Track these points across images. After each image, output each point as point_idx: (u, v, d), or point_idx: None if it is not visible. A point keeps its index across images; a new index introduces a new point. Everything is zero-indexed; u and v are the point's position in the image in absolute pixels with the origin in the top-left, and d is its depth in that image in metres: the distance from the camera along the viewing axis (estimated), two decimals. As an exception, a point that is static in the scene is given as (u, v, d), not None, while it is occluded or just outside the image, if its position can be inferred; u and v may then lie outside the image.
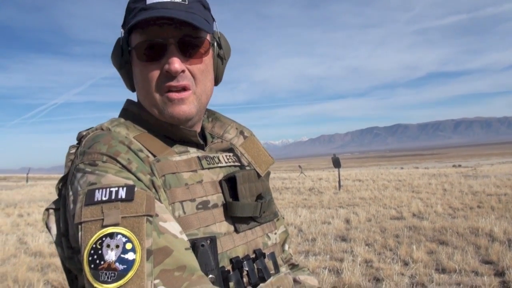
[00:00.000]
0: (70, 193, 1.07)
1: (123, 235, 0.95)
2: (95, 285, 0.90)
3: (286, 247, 1.57)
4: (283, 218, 1.59)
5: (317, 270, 7.49)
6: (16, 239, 11.63)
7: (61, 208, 1.13)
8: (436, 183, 23.86)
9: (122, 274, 0.91)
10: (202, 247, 1.09)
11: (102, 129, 1.21)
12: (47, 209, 1.16)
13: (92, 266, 0.92)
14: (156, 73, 1.20)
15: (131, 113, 1.31)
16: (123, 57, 1.27)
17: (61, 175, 1.18)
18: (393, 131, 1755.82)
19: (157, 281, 0.92)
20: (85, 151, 1.11)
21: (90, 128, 1.24)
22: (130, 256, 0.92)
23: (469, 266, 7.16)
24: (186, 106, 1.22)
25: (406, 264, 7.64)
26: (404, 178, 29.36)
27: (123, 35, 1.27)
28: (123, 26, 1.27)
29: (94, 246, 0.94)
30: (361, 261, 7.88)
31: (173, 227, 1.03)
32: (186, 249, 1.02)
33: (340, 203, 17.14)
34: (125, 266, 0.91)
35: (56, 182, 1.18)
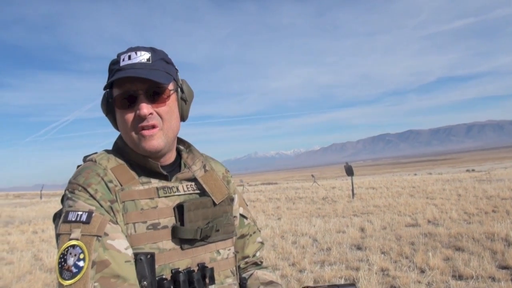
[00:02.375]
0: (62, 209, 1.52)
1: (80, 248, 1.36)
2: (59, 279, 1.34)
3: (258, 253, 1.99)
4: (259, 231, 2.03)
5: (333, 279, 7.50)
6: (31, 255, 11.78)
7: None
8: (450, 188, 23.73)
9: (74, 275, 1.33)
10: (140, 261, 1.44)
11: (91, 160, 1.61)
12: (55, 214, 1.57)
13: (60, 266, 1.36)
14: (131, 117, 1.57)
15: (118, 146, 1.70)
16: (108, 107, 1.66)
17: None
18: (405, 137, 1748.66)
19: (96, 284, 1.33)
20: (71, 181, 1.53)
21: (92, 154, 1.66)
22: (81, 263, 1.34)
23: (486, 272, 7.12)
24: (155, 141, 1.57)
25: (422, 271, 7.61)
26: (418, 184, 29.23)
27: (105, 90, 1.64)
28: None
29: (63, 252, 1.37)
30: (377, 270, 7.87)
31: (120, 243, 1.42)
32: (126, 261, 1.41)
33: (354, 212, 17.11)
34: (77, 270, 1.33)
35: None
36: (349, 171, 23.78)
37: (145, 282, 1.42)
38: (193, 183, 1.72)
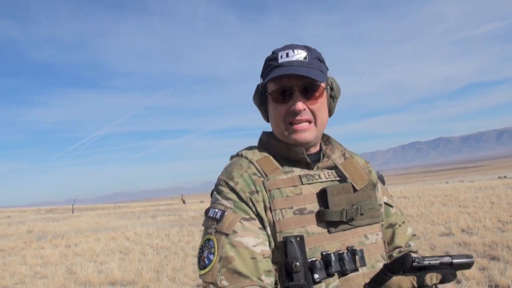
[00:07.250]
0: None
1: (213, 242, 1.55)
2: (197, 266, 1.58)
3: (411, 243, 1.99)
4: (408, 221, 2.03)
5: None
6: (65, 269, 11.89)
7: None
8: (483, 196, 23.26)
9: (206, 266, 1.53)
10: (290, 243, 1.52)
11: (238, 154, 1.80)
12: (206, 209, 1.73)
13: (199, 255, 1.58)
14: (284, 111, 1.71)
15: (262, 141, 1.86)
16: (262, 99, 1.82)
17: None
18: (435, 145, 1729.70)
19: (222, 276, 1.49)
20: (218, 177, 1.72)
21: (240, 151, 1.83)
22: (211, 256, 1.53)
23: (523, 281, 6.95)
24: (306, 134, 1.71)
25: (458, 282, 7.46)
26: (450, 192, 28.77)
27: (262, 83, 1.79)
28: (262, 76, 1.81)
29: (202, 244, 1.60)
30: (411, 280, 7.68)
31: (248, 241, 1.55)
32: (252, 258, 1.53)
33: (385, 221, 16.80)
34: (208, 262, 1.53)
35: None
36: (381, 180, 23.49)
37: (297, 263, 1.49)
38: (333, 171, 1.80)
